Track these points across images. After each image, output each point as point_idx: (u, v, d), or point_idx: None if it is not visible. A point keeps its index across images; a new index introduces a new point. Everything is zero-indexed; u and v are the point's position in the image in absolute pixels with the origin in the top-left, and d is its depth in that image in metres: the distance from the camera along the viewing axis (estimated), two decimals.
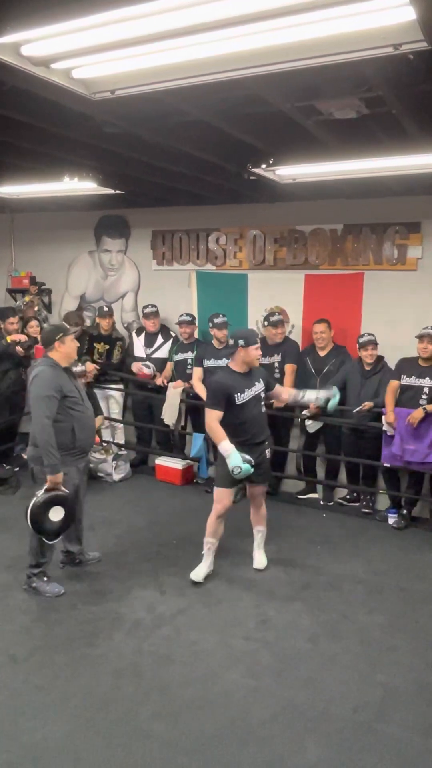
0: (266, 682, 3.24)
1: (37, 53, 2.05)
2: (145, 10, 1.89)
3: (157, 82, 2.30)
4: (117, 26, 1.99)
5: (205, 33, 2.06)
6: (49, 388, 3.77)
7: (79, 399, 3.96)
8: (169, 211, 6.50)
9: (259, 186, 4.87)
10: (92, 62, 2.21)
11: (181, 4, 1.87)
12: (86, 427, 4.01)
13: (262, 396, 4.18)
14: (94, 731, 2.87)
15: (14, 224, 7.58)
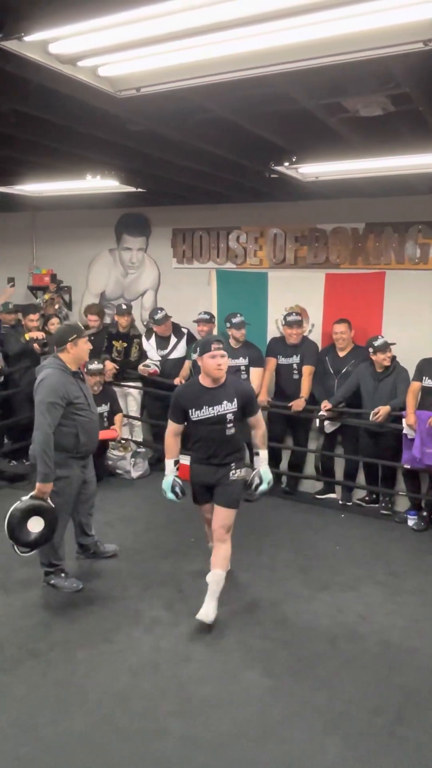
0: (284, 681, 3.23)
1: (64, 51, 2.06)
2: (171, 7, 1.88)
3: (183, 79, 2.29)
4: (143, 24, 1.99)
5: (232, 30, 2.05)
6: (55, 395, 3.70)
7: (85, 404, 3.90)
8: (189, 209, 6.51)
9: (281, 184, 4.85)
10: (118, 60, 2.21)
11: (207, 2, 1.86)
12: (90, 432, 3.98)
13: (229, 418, 3.63)
14: (112, 727, 2.88)
15: (36, 222, 7.64)
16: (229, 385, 3.68)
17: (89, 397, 4.02)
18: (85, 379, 4.13)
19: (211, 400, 3.61)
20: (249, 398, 3.74)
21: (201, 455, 3.77)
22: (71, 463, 3.91)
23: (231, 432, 3.66)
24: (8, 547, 4.62)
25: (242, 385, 3.87)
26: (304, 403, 5.56)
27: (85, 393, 3.95)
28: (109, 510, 5.45)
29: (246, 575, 4.34)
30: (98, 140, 3.75)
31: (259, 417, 3.81)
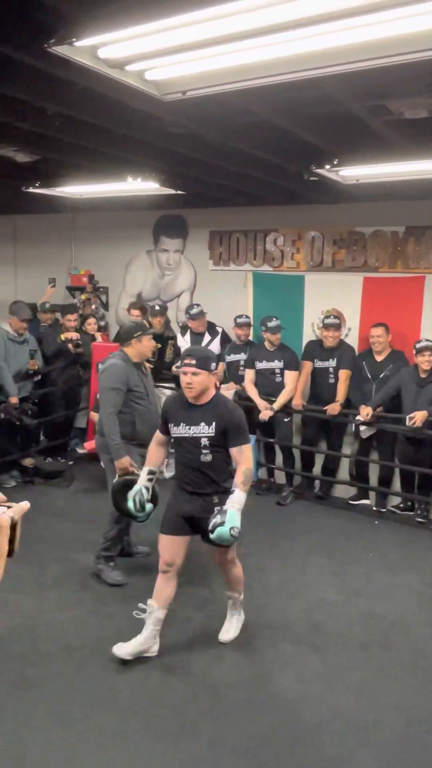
0: (316, 687, 3.20)
1: (112, 55, 2.09)
2: (219, 11, 1.89)
3: (229, 82, 2.30)
4: (191, 28, 2.00)
5: (279, 33, 2.05)
6: (117, 381, 3.98)
7: (144, 394, 4.12)
8: (227, 211, 6.52)
9: (320, 187, 4.82)
10: (165, 64, 2.23)
11: (256, 5, 1.86)
12: (147, 421, 4.08)
13: (203, 443, 3.19)
14: (143, 725, 2.90)
15: (75, 223, 7.75)
16: (212, 405, 3.21)
17: (149, 388, 4.20)
18: (147, 372, 4.30)
19: (189, 418, 3.21)
20: (232, 426, 3.17)
21: (178, 479, 3.43)
22: (131, 450, 4.05)
23: (206, 459, 3.20)
24: (45, 543, 4.72)
25: (228, 408, 3.23)
26: (340, 407, 5.51)
27: (144, 384, 4.16)
28: None
29: (277, 578, 4.32)
30: (140, 143, 3.79)
31: (245, 451, 3.19)
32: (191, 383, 3.14)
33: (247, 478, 3.14)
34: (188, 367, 3.15)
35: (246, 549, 4.56)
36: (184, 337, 6.43)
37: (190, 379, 3.14)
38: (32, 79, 2.64)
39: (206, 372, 3.15)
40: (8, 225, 8.23)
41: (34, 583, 4.15)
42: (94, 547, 4.69)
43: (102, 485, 6.01)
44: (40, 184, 5.11)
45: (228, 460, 3.24)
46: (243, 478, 3.13)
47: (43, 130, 3.51)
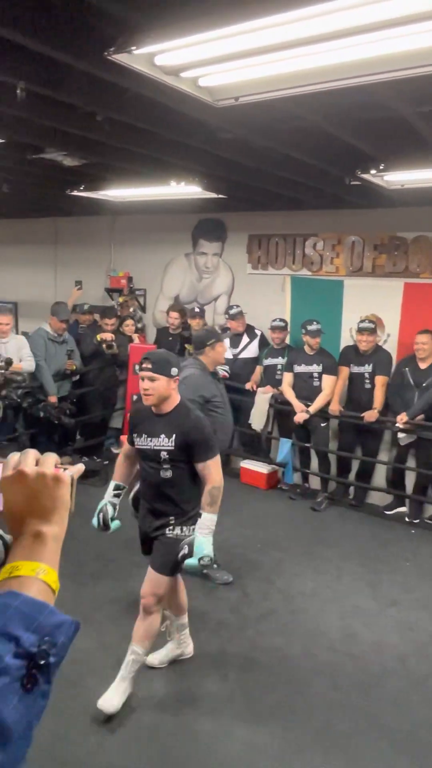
0: (351, 696, 3.18)
1: (169, 63, 2.12)
2: (275, 20, 1.91)
3: (281, 89, 2.31)
4: (246, 36, 2.02)
5: (333, 41, 2.06)
6: (194, 392, 3.89)
7: (221, 402, 4.08)
8: (266, 215, 6.52)
9: (362, 191, 4.79)
10: (219, 71, 2.25)
11: (311, 14, 1.87)
12: (225, 429, 4.11)
13: (163, 457, 2.89)
14: (179, 725, 2.93)
15: (115, 225, 7.85)
16: (173, 415, 2.92)
17: (225, 397, 4.19)
18: (221, 380, 4.30)
19: (151, 429, 2.93)
20: (194, 439, 2.86)
21: (141, 493, 3.15)
22: None
23: (166, 475, 2.91)
24: (78, 541, 4.78)
25: (190, 419, 2.92)
26: (377, 414, 5.46)
27: (221, 392, 4.15)
28: None
29: (312, 584, 4.30)
30: (186, 147, 3.82)
31: (211, 466, 2.91)
32: (148, 389, 2.86)
33: (213, 498, 2.86)
34: (145, 372, 2.87)
35: (281, 554, 4.58)
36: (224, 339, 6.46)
37: (147, 384, 2.86)
38: (87, 85, 2.69)
39: (165, 377, 2.85)
40: (50, 227, 8.39)
41: (71, 580, 4.20)
42: (128, 546, 4.75)
43: None
44: (84, 188, 5.20)
45: (194, 477, 2.94)
46: (210, 498, 2.85)
47: (92, 135, 3.57)
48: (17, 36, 2.16)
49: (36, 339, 5.98)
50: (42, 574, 0.74)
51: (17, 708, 0.62)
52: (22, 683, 0.63)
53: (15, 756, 0.61)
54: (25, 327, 7.73)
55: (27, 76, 2.53)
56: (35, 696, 0.64)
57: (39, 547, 0.77)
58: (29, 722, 0.64)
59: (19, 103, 2.58)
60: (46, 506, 0.81)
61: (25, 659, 0.64)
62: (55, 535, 0.79)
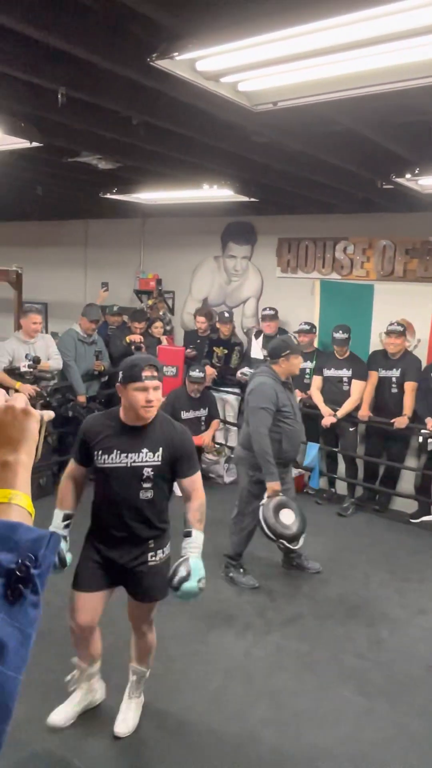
0: (379, 704, 3.15)
1: (210, 68, 2.14)
2: (315, 27, 1.91)
3: (320, 94, 2.32)
4: (286, 42, 2.03)
5: (373, 47, 2.06)
6: (267, 401, 3.94)
7: (291, 413, 4.04)
8: (296, 218, 6.52)
9: (394, 195, 4.76)
10: (258, 76, 2.27)
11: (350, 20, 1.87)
12: (294, 440, 4.09)
13: (146, 474, 2.57)
14: (205, 726, 2.93)
15: (145, 228, 7.91)
16: (157, 426, 2.60)
17: (295, 407, 4.13)
18: (293, 390, 4.24)
19: (126, 444, 2.56)
20: (183, 451, 2.63)
21: (101, 522, 2.70)
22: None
23: (146, 496, 2.61)
24: None
25: (177, 430, 2.65)
26: (407, 420, 5.41)
27: (291, 402, 4.08)
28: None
29: (338, 591, 4.27)
30: (220, 151, 3.85)
31: (197, 480, 2.70)
32: (152, 403, 2.50)
33: (203, 514, 2.69)
34: (152, 381, 2.48)
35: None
36: (258, 340, 6.47)
37: (151, 396, 2.48)
38: (126, 90, 2.73)
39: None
40: (80, 229, 8.49)
41: None
42: None
43: None
44: (117, 190, 5.26)
45: (167, 495, 2.72)
46: (200, 515, 2.68)
47: (127, 139, 3.61)
48: (59, 42, 2.21)
49: (66, 339, 6.06)
50: (15, 499, 0.76)
51: (5, 621, 0.64)
52: (5, 598, 0.66)
53: (14, 662, 0.63)
54: (54, 327, 7.84)
55: (68, 82, 2.58)
56: (24, 607, 0.66)
57: (9, 475, 0.79)
58: (22, 631, 0.66)
59: (59, 108, 2.63)
60: (14, 437, 0.83)
61: (4, 577, 0.66)
62: (24, 463, 0.81)
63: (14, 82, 2.73)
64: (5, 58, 2.43)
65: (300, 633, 3.75)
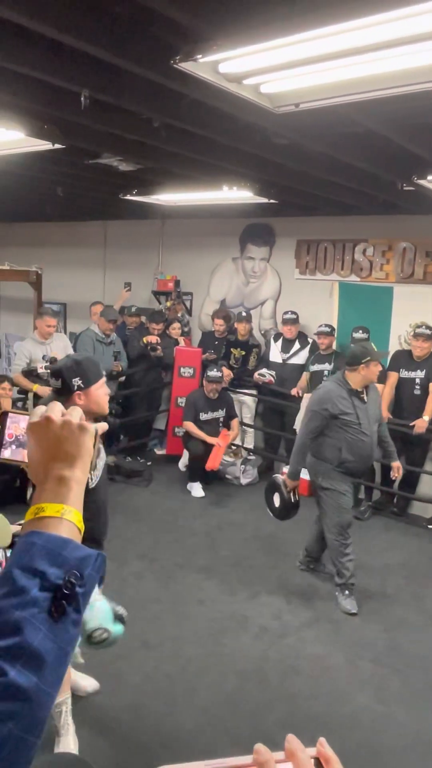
0: (396, 710, 3.12)
1: (232, 70, 2.14)
2: (338, 28, 1.90)
3: (343, 95, 2.31)
4: (309, 43, 2.02)
5: (396, 48, 2.04)
6: (318, 404, 3.93)
7: (355, 422, 3.87)
8: (315, 220, 6.49)
9: (415, 197, 4.72)
10: (281, 77, 2.26)
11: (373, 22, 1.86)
12: (357, 451, 3.92)
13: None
14: (220, 728, 2.93)
15: (163, 229, 7.93)
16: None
17: (363, 418, 3.91)
18: (366, 400, 3.99)
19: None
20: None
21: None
22: (334, 476, 3.98)
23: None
24: (123, 539, 4.86)
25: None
26: (426, 423, 5.36)
27: (358, 412, 3.90)
28: (218, 514, 5.56)
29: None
30: (240, 152, 3.84)
31: None
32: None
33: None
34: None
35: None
36: (276, 343, 6.46)
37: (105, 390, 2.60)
38: (148, 92, 2.74)
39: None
40: (99, 230, 8.54)
41: (116, 579, 4.26)
42: (171, 548, 4.80)
43: (180, 488, 6.13)
44: (137, 192, 5.28)
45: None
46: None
47: (148, 140, 3.63)
48: (83, 45, 2.22)
49: (84, 340, 6.09)
50: (67, 515, 0.76)
51: (47, 636, 0.65)
52: (50, 613, 0.66)
53: (50, 679, 0.64)
54: (73, 328, 7.90)
55: (91, 84, 2.59)
56: (66, 625, 0.67)
57: (63, 490, 0.79)
58: (61, 649, 0.66)
59: (82, 110, 2.65)
60: (70, 452, 0.83)
61: (51, 591, 0.67)
62: (78, 479, 0.81)
63: (37, 84, 2.76)
64: (29, 60, 2.45)
65: (316, 637, 3.73)
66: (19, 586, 0.67)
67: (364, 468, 4.12)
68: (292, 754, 0.57)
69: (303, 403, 5.99)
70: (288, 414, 6.29)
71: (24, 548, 0.71)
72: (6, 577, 0.69)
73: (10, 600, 0.66)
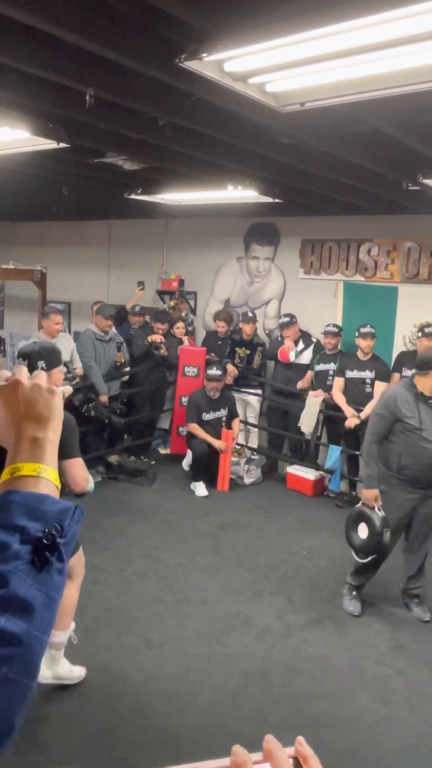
0: (399, 711, 3.11)
1: (238, 69, 2.14)
2: (344, 27, 1.90)
3: (348, 94, 2.30)
4: (315, 42, 2.02)
5: (401, 47, 2.03)
6: (383, 407, 3.82)
7: (418, 427, 3.71)
8: (320, 220, 6.48)
9: (420, 197, 4.71)
10: (286, 76, 2.26)
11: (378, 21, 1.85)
12: (417, 457, 3.72)
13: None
14: (223, 729, 2.92)
15: (168, 229, 7.94)
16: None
17: (427, 424, 3.72)
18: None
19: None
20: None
21: None
22: (392, 482, 3.83)
23: None
24: (127, 539, 4.85)
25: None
26: None
27: (421, 417, 3.74)
28: (222, 513, 5.55)
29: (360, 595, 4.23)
30: (245, 152, 3.84)
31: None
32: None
33: None
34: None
35: (327, 562, 4.53)
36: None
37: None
38: (154, 91, 2.74)
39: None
40: (104, 229, 8.55)
41: (119, 577, 4.27)
42: (174, 547, 4.80)
43: (184, 487, 6.13)
44: (141, 191, 5.28)
45: None
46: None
47: (153, 140, 3.62)
48: (88, 44, 2.22)
49: (84, 341, 6.07)
50: (44, 473, 0.77)
51: (33, 585, 0.67)
52: (33, 564, 0.68)
53: (41, 624, 0.66)
54: (78, 327, 7.91)
55: (96, 83, 2.59)
56: (50, 574, 0.69)
57: (38, 450, 0.80)
58: (48, 596, 0.68)
59: (87, 109, 2.64)
60: (42, 413, 0.84)
61: (32, 544, 0.69)
62: (51, 440, 0.82)
63: (42, 83, 2.76)
64: (34, 59, 2.45)
65: (319, 637, 3.72)
66: (0, 542, 0.68)
67: (427, 477, 3.78)
68: (269, 753, 0.58)
69: (308, 401, 5.99)
70: (292, 414, 6.28)
71: (2, 506, 0.72)
72: None
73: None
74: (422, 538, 3.97)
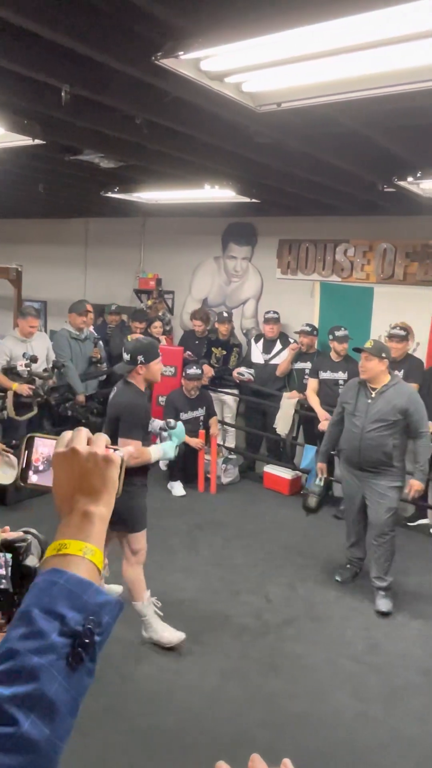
0: (375, 708, 3.14)
1: (214, 68, 2.14)
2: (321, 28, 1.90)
3: (325, 95, 2.31)
4: (291, 43, 2.03)
5: (378, 49, 2.05)
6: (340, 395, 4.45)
7: (351, 411, 4.11)
8: (297, 220, 6.51)
9: (396, 198, 4.76)
10: (263, 76, 2.26)
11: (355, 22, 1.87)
12: (348, 441, 4.14)
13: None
14: (199, 728, 2.92)
15: (145, 227, 7.90)
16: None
17: (360, 409, 4.08)
18: (373, 396, 4.08)
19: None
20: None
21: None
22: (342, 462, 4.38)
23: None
24: None
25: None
26: None
27: (358, 404, 4.14)
28: (200, 512, 5.54)
29: (335, 593, 4.27)
30: (223, 151, 3.83)
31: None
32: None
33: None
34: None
35: (304, 561, 4.55)
36: (257, 344, 6.45)
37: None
38: (130, 89, 2.72)
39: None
40: (81, 227, 8.48)
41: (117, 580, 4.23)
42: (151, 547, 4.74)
43: (162, 487, 6.10)
44: (118, 189, 5.24)
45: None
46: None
47: (130, 137, 3.60)
48: (65, 40, 2.19)
49: (59, 340, 6.01)
50: (89, 554, 0.75)
51: (62, 685, 0.64)
52: (68, 661, 0.65)
53: (61, 731, 0.64)
54: (53, 326, 7.81)
55: (72, 80, 2.56)
56: (81, 674, 0.66)
57: (87, 526, 0.77)
58: (74, 699, 0.65)
59: (62, 106, 2.62)
60: (95, 486, 0.81)
61: (70, 638, 0.66)
62: (102, 515, 0.79)
63: (18, 78, 2.72)
64: (9, 54, 2.42)
65: (296, 635, 3.74)
66: (38, 629, 0.65)
67: (358, 460, 4.07)
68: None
69: (282, 402, 6.01)
70: (269, 414, 6.30)
71: (45, 587, 0.69)
72: (25, 617, 0.67)
73: (29, 643, 0.65)
74: (373, 526, 4.20)
